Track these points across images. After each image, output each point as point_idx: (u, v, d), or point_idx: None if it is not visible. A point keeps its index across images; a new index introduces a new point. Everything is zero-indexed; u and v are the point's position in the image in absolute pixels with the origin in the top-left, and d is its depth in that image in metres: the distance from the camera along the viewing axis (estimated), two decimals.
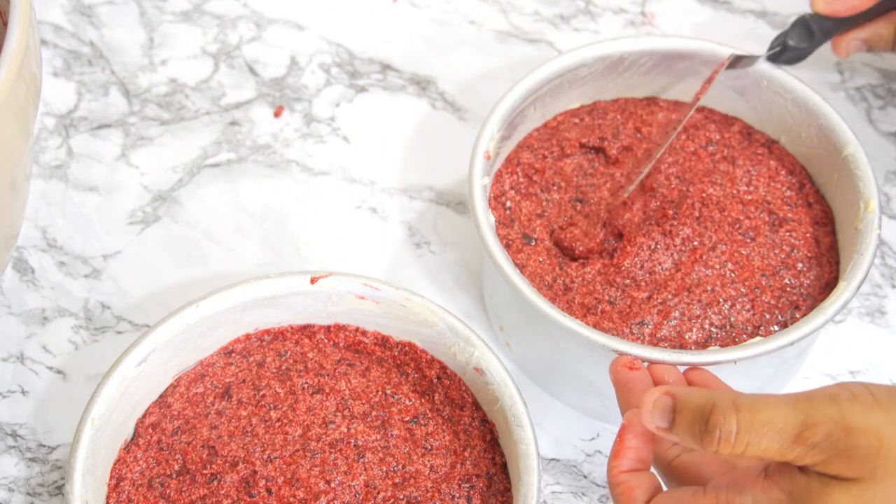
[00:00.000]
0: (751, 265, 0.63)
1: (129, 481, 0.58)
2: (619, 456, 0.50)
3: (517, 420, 0.57)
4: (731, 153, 0.68)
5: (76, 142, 0.75)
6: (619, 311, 0.62)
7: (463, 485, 0.58)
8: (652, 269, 0.63)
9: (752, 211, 0.65)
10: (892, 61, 0.80)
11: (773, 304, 0.63)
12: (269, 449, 0.58)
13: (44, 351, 0.67)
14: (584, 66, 0.68)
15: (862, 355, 0.68)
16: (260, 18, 0.81)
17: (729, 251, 0.63)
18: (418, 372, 0.61)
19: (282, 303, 0.61)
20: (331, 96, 0.78)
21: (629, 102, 0.71)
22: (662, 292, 0.62)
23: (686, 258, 0.63)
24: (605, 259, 0.63)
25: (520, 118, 0.67)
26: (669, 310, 0.62)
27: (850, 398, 0.45)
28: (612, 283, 0.63)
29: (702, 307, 0.62)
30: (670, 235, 0.63)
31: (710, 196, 0.65)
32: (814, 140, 0.67)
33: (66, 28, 0.80)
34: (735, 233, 0.64)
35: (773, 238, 0.64)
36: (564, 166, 0.67)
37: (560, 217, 0.65)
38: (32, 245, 0.70)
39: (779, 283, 0.63)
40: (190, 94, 0.77)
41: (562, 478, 0.63)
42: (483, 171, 0.63)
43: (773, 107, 0.68)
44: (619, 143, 0.67)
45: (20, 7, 0.52)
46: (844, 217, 0.65)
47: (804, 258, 0.64)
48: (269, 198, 0.73)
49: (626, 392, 0.55)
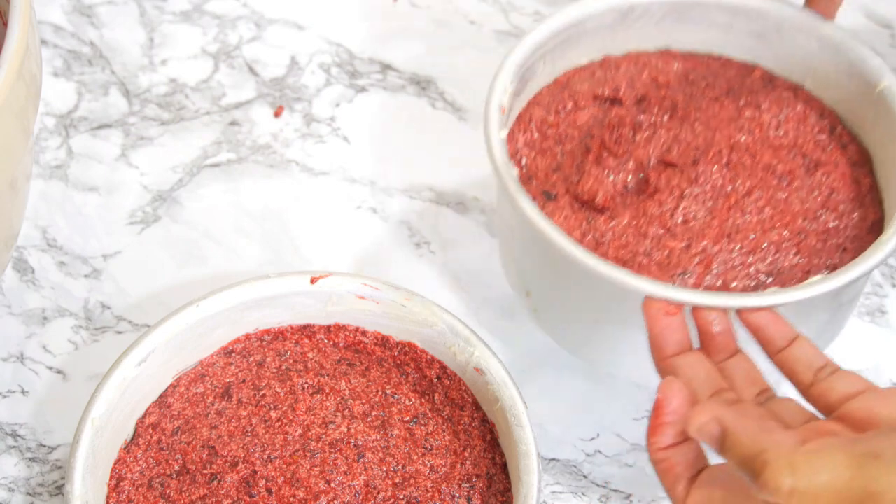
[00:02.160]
0: (790, 209, 0.60)
1: (129, 481, 0.58)
2: (656, 432, 0.47)
3: (517, 420, 0.57)
4: (755, 99, 0.64)
5: (76, 142, 0.75)
6: (657, 263, 0.58)
7: (463, 485, 0.58)
8: (685, 218, 0.59)
9: (785, 155, 0.62)
10: (892, 60, 0.80)
11: (820, 247, 0.60)
12: (269, 449, 0.58)
13: (44, 351, 0.67)
14: (592, 18, 0.65)
15: (862, 355, 0.68)
16: (260, 18, 0.81)
17: (766, 196, 0.60)
18: (418, 372, 0.61)
19: (282, 303, 0.61)
20: (331, 96, 0.78)
21: (641, 55, 0.68)
22: (700, 240, 0.59)
23: (721, 204, 0.60)
24: (631, 209, 0.60)
25: (529, 73, 0.64)
26: (711, 258, 0.58)
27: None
28: (644, 234, 0.59)
29: (744, 254, 0.59)
30: (697, 182, 0.60)
31: (739, 142, 0.62)
32: (843, 79, 0.64)
33: (66, 28, 0.80)
34: (769, 177, 0.61)
35: (810, 182, 0.62)
36: (578, 118, 0.64)
37: (574, 168, 0.62)
38: (32, 245, 0.70)
39: (822, 227, 0.60)
40: (190, 94, 0.77)
41: (562, 478, 0.63)
42: (499, 125, 0.60)
43: (796, 49, 0.65)
44: (636, 92, 0.65)
45: (20, 7, 0.52)
46: (885, 154, 0.62)
47: (845, 199, 0.61)
48: (269, 198, 0.73)
49: (661, 341, 0.52)
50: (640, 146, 0.62)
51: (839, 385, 0.49)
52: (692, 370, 0.51)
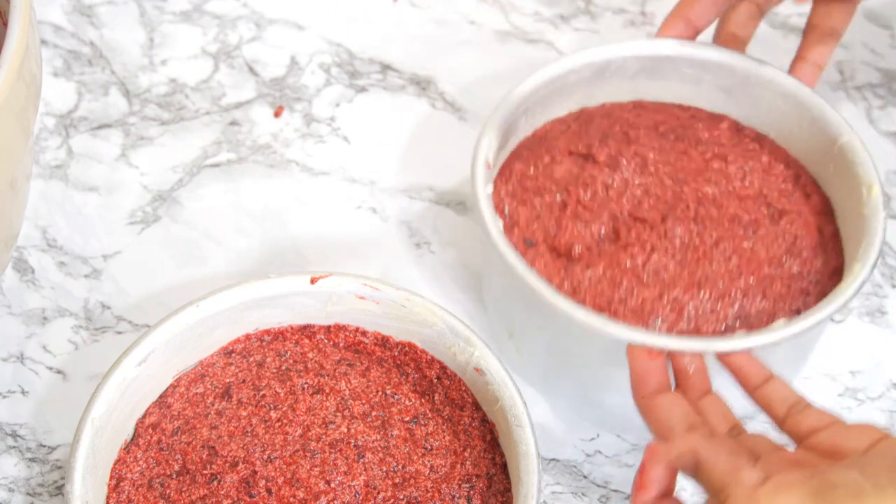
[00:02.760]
0: (756, 257, 0.63)
1: (129, 481, 0.58)
2: (642, 488, 0.50)
3: (517, 420, 0.57)
4: (722, 151, 0.68)
5: (76, 142, 0.75)
6: (631, 310, 0.61)
7: (463, 485, 0.58)
8: (656, 269, 0.63)
9: (751, 205, 0.65)
10: (892, 61, 0.80)
11: (785, 292, 0.62)
12: (269, 449, 0.58)
13: (44, 351, 0.67)
14: (573, 72, 0.68)
15: (862, 355, 0.68)
16: (260, 18, 0.81)
17: (732, 246, 0.63)
18: (418, 372, 0.61)
19: (282, 303, 0.61)
20: (331, 96, 0.78)
21: (615, 107, 0.71)
22: (672, 290, 0.62)
23: (690, 256, 0.63)
24: (605, 260, 0.63)
25: (512, 128, 0.67)
26: (682, 306, 0.61)
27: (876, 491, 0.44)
28: (619, 283, 0.62)
29: (713, 301, 0.62)
30: (666, 237, 0.63)
31: (706, 194, 0.65)
32: (805, 133, 0.67)
33: (66, 28, 0.80)
34: (736, 228, 0.64)
35: (775, 230, 0.64)
36: (554, 172, 0.67)
37: (552, 221, 0.65)
38: (32, 245, 0.70)
39: (787, 273, 0.63)
40: (190, 94, 0.77)
41: (562, 478, 0.63)
42: (485, 180, 0.63)
43: (762, 103, 0.69)
44: (608, 150, 0.67)
45: (20, 7, 0.52)
46: (846, 206, 0.65)
47: (809, 247, 0.64)
48: (269, 198, 0.73)
49: (642, 382, 0.56)
50: (613, 201, 0.65)
51: (810, 419, 0.53)
52: (670, 408, 0.55)
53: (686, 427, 0.54)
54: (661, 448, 0.50)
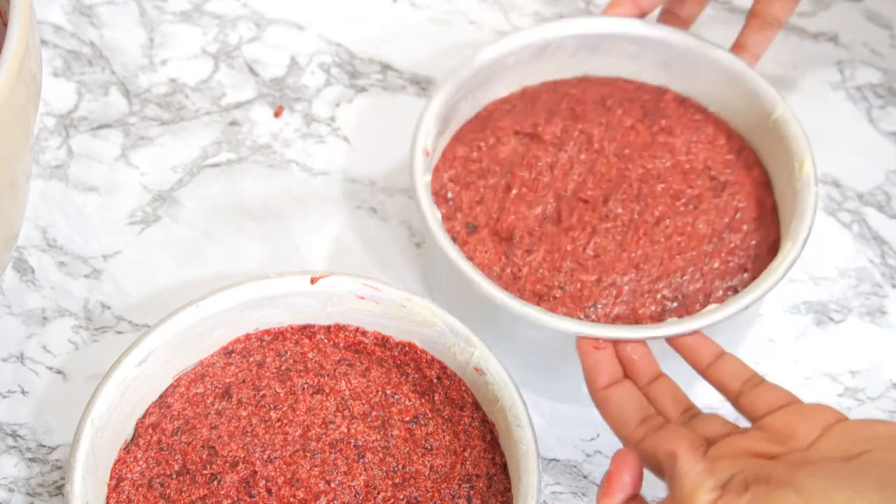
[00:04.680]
0: (697, 233, 0.64)
1: (129, 481, 0.58)
2: (607, 495, 0.51)
3: (517, 420, 0.57)
4: (669, 124, 0.68)
5: (76, 142, 0.75)
6: (570, 296, 0.62)
7: (463, 485, 0.58)
8: (596, 252, 0.63)
9: (694, 179, 0.66)
10: (892, 61, 0.80)
11: (723, 269, 0.63)
12: (269, 449, 0.58)
13: (44, 351, 0.67)
14: (511, 54, 0.69)
15: (862, 355, 0.68)
16: (260, 18, 0.81)
17: (673, 223, 0.64)
18: (418, 372, 0.61)
19: (282, 303, 0.61)
20: (331, 96, 0.78)
21: (560, 83, 0.71)
22: (611, 273, 0.63)
23: (630, 237, 0.64)
24: (546, 244, 0.63)
25: (452, 112, 0.67)
26: (620, 289, 0.62)
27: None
28: (558, 268, 0.63)
29: (651, 282, 0.63)
30: (608, 219, 0.64)
31: (650, 171, 0.66)
32: (742, 106, 0.68)
33: (66, 28, 0.80)
34: (678, 204, 0.65)
35: (717, 202, 0.65)
36: (499, 153, 0.67)
37: (495, 204, 0.65)
38: (32, 245, 0.70)
39: (726, 248, 0.64)
40: (190, 94, 0.77)
41: (562, 478, 0.63)
42: (424, 168, 0.64)
43: (700, 77, 0.69)
44: (553, 128, 0.67)
45: (20, 7, 0.52)
46: (781, 178, 0.66)
47: (749, 220, 0.65)
48: (269, 198, 0.73)
49: (594, 373, 0.58)
50: (558, 180, 0.65)
51: (766, 396, 0.54)
52: (622, 400, 0.56)
53: (640, 419, 0.55)
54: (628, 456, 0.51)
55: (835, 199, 0.74)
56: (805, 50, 0.81)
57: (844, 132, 0.77)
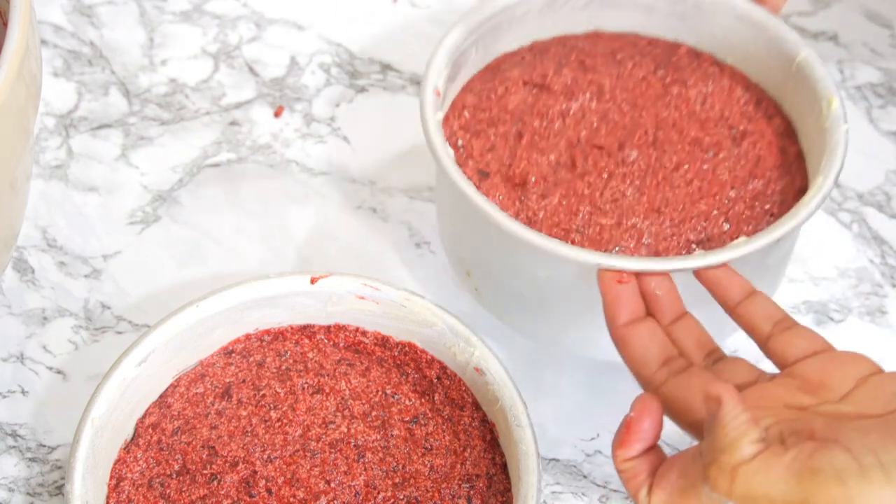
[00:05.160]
0: (718, 179, 0.63)
1: (129, 481, 0.58)
2: (623, 445, 0.48)
3: (517, 420, 0.57)
4: (681, 75, 0.67)
5: (76, 142, 0.75)
6: (590, 239, 0.61)
7: (463, 485, 0.58)
8: (613, 196, 0.62)
9: (712, 127, 0.65)
10: (892, 61, 0.80)
11: (749, 214, 0.62)
12: (269, 449, 0.58)
13: (44, 351, 0.67)
14: (522, 4, 0.68)
15: None
16: (260, 18, 0.81)
17: (693, 169, 0.63)
18: (418, 372, 0.61)
19: (282, 303, 0.61)
20: (331, 96, 0.78)
21: (570, 37, 0.70)
22: (630, 216, 0.61)
23: (649, 182, 0.62)
24: (562, 188, 0.62)
25: (462, 59, 0.66)
26: (641, 232, 0.61)
27: (859, 475, 0.41)
28: (575, 212, 0.61)
29: (674, 225, 0.61)
30: (624, 164, 0.63)
31: (665, 119, 0.65)
32: (763, 54, 0.67)
33: (66, 28, 0.80)
34: (697, 151, 0.64)
35: (737, 152, 0.64)
36: (508, 103, 0.66)
37: (507, 151, 0.64)
38: (32, 245, 0.70)
39: (750, 193, 0.63)
40: (190, 94, 0.77)
41: (562, 478, 0.63)
42: (435, 107, 0.62)
43: (717, 28, 0.68)
44: (563, 79, 0.67)
45: (20, 7, 0.52)
46: (807, 123, 0.65)
47: (772, 167, 0.64)
48: (269, 198, 0.73)
49: (615, 308, 0.54)
50: (570, 129, 0.64)
51: (798, 341, 0.50)
52: (643, 341, 0.53)
53: (661, 360, 0.52)
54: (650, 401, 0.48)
55: (835, 199, 0.74)
56: None
57: None
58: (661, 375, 0.52)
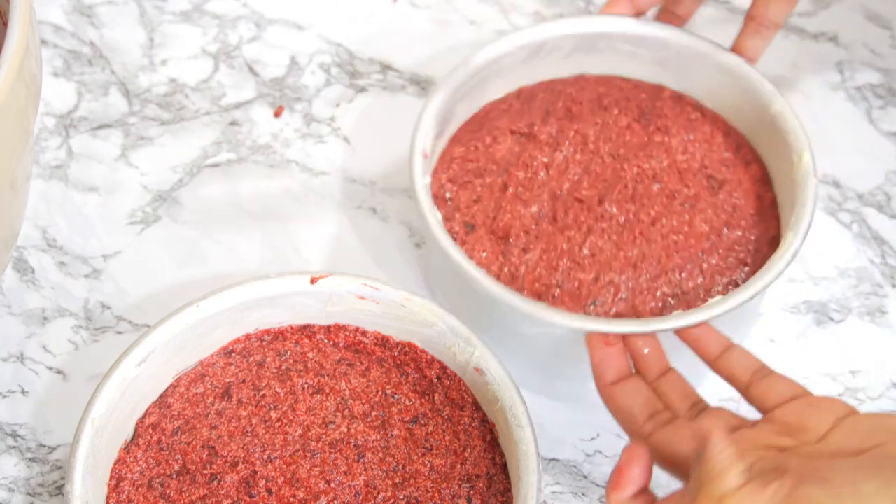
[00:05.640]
0: (694, 231, 0.64)
1: (129, 481, 0.58)
2: (617, 489, 0.51)
3: (517, 420, 0.57)
4: (665, 123, 0.68)
5: (76, 142, 0.75)
6: (569, 294, 0.62)
7: (463, 485, 0.58)
8: (592, 251, 0.63)
9: (691, 178, 0.66)
10: (892, 61, 0.80)
11: (722, 265, 0.64)
12: (269, 449, 0.58)
13: (44, 351, 0.67)
14: (507, 55, 0.69)
15: (862, 355, 0.68)
16: (260, 18, 0.81)
17: (669, 223, 0.64)
18: (418, 372, 0.61)
19: (282, 303, 0.61)
20: (331, 96, 0.78)
21: (556, 82, 0.71)
22: (608, 272, 0.63)
23: (626, 236, 0.64)
24: (543, 243, 0.64)
25: (449, 114, 0.68)
26: (619, 287, 0.63)
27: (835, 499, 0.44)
28: (555, 267, 0.63)
29: (650, 280, 0.63)
30: (603, 219, 0.64)
31: (646, 171, 0.66)
32: (740, 102, 0.68)
33: (66, 28, 0.80)
34: (674, 204, 0.65)
35: (715, 201, 0.66)
36: (495, 152, 0.67)
37: (492, 203, 0.66)
38: (32, 245, 0.70)
39: (725, 244, 0.64)
40: (190, 94, 0.77)
41: (562, 478, 0.63)
42: (423, 171, 0.64)
43: (696, 75, 0.70)
44: (549, 128, 0.68)
45: (20, 7, 0.52)
46: (780, 172, 0.66)
47: (747, 216, 0.65)
48: (269, 198, 0.73)
49: (603, 368, 0.58)
50: (553, 179, 0.66)
51: (776, 387, 0.54)
52: (630, 396, 0.56)
53: (648, 414, 0.55)
54: (638, 449, 0.51)
55: (835, 199, 0.74)
56: (805, 50, 0.81)
57: (844, 132, 0.77)
58: (648, 427, 0.55)
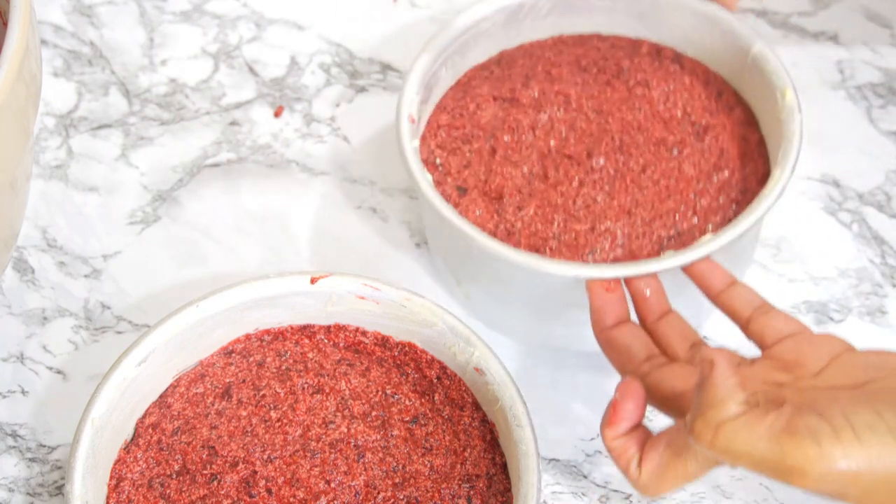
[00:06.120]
0: (684, 176, 0.65)
1: (129, 481, 0.58)
2: (611, 424, 0.51)
3: (517, 420, 0.57)
4: (644, 77, 0.69)
5: (76, 142, 0.75)
6: (566, 245, 0.64)
7: (463, 485, 0.58)
8: (586, 203, 0.65)
9: (675, 126, 0.67)
10: (892, 61, 0.80)
11: (715, 205, 0.65)
12: (269, 449, 0.58)
13: (44, 351, 0.67)
14: (486, 19, 0.70)
15: None
16: (260, 18, 0.81)
17: (659, 169, 0.66)
18: (418, 372, 0.61)
19: (282, 303, 0.61)
20: (331, 96, 0.78)
21: (535, 46, 0.72)
22: (603, 221, 0.64)
23: (618, 186, 0.65)
24: (536, 199, 0.65)
25: (434, 80, 0.68)
26: (615, 234, 0.64)
27: (832, 436, 0.44)
28: (550, 220, 0.64)
29: (645, 224, 0.64)
30: (594, 171, 0.65)
31: (630, 123, 0.67)
32: (720, 48, 0.69)
33: (66, 28, 0.80)
34: (662, 150, 0.66)
35: (701, 146, 0.67)
36: (480, 119, 0.68)
37: (482, 167, 0.66)
38: (32, 245, 0.70)
39: (715, 186, 0.65)
40: (190, 94, 0.77)
41: (562, 478, 0.63)
42: (411, 135, 0.65)
43: (675, 24, 0.71)
44: (531, 91, 0.69)
45: (20, 7, 0.52)
46: (766, 112, 0.67)
47: (735, 157, 0.66)
48: (269, 198, 0.73)
49: (602, 313, 0.58)
50: (540, 140, 0.67)
51: (776, 324, 0.54)
52: (628, 339, 0.57)
53: (645, 356, 0.56)
54: (633, 384, 0.51)
55: (835, 199, 0.74)
56: (805, 50, 0.81)
57: (844, 132, 0.77)
58: (645, 367, 0.55)
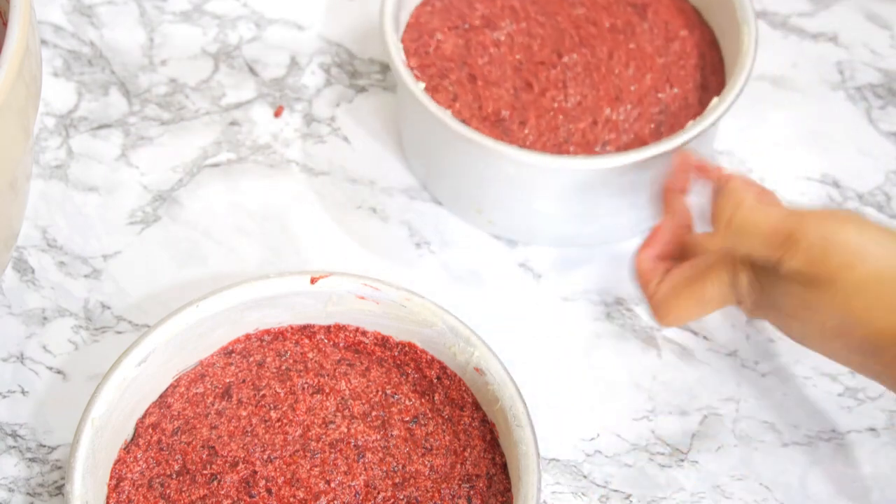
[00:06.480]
0: (645, 53, 0.71)
1: (129, 481, 0.58)
2: (648, 246, 0.62)
3: (517, 420, 0.57)
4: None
5: (76, 142, 0.75)
6: (579, 145, 0.67)
7: (463, 485, 0.58)
8: (578, 101, 0.68)
9: (616, 10, 0.72)
10: (892, 61, 0.80)
11: (684, 73, 0.70)
12: (269, 449, 0.58)
13: (44, 351, 0.67)
14: None
15: None
16: (260, 18, 0.81)
17: (623, 52, 0.70)
18: (418, 372, 0.61)
19: (282, 303, 0.61)
20: (331, 96, 0.78)
21: None
22: (601, 112, 0.68)
23: (596, 77, 0.69)
24: (533, 111, 0.68)
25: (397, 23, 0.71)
26: (616, 122, 0.68)
27: (838, 220, 0.54)
28: (556, 126, 0.67)
29: (635, 105, 0.68)
30: (569, 68, 0.69)
31: (578, 16, 0.72)
32: None
33: (66, 28, 0.80)
34: (617, 37, 0.71)
35: (647, 24, 0.72)
36: (444, 52, 0.71)
37: (469, 96, 0.69)
38: (32, 245, 0.70)
39: (675, 54, 0.71)
40: (190, 94, 0.77)
41: (562, 478, 0.63)
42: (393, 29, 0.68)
43: None
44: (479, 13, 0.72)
45: (20, 7, 0.52)
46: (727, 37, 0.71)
47: (681, 25, 0.72)
48: (269, 198, 0.73)
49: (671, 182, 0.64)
50: (508, 55, 0.70)
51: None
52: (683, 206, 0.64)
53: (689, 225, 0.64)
54: (672, 220, 0.62)
55: (835, 200, 0.74)
56: (805, 50, 0.81)
57: (844, 133, 0.77)
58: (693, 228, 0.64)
